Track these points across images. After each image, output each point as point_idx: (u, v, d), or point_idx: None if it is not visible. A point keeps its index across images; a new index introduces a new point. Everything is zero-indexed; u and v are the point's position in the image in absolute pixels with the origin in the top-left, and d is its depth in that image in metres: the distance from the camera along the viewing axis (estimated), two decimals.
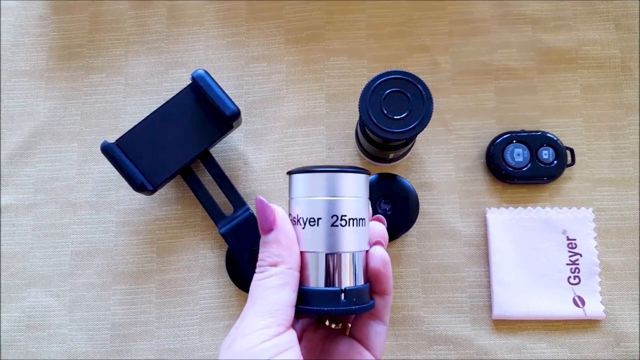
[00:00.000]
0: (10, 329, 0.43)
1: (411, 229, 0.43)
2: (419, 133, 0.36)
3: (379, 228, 0.30)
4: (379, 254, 0.28)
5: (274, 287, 0.26)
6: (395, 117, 0.35)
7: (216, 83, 0.40)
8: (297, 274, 0.27)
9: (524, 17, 0.46)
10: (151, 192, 0.41)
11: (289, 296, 0.26)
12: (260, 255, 0.27)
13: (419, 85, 0.35)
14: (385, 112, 0.35)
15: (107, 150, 0.40)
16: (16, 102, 0.47)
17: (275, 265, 0.27)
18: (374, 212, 0.41)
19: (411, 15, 0.47)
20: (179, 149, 0.41)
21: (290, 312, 0.26)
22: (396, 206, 0.41)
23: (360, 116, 0.36)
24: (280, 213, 0.28)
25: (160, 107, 0.41)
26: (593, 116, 0.45)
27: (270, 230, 0.27)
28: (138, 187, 0.40)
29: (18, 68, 0.48)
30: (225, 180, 0.43)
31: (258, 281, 0.26)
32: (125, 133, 0.41)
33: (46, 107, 0.47)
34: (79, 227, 0.45)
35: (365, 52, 0.46)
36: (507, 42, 0.46)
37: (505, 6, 0.46)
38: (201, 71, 0.40)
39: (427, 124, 0.35)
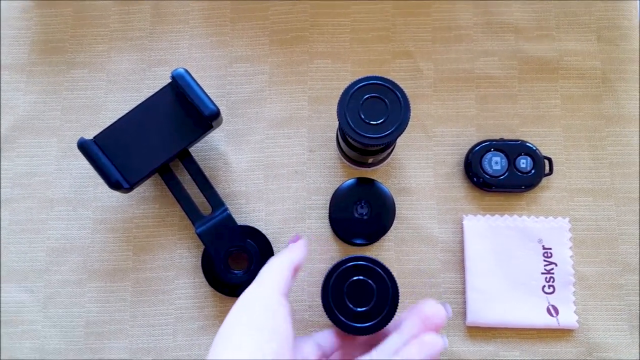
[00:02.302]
0: None
1: (389, 234, 0.43)
2: (395, 139, 0.36)
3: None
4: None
5: None
6: (372, 122, 0.35)
7: (196, 82, 0.40)
8: None
9: (507, 26, 0.46)
10: (127, 190, 0.40)
11: None
12: None
13: (396, 92, 0.35)
14: (362, 117, 0.35)
15: (84, 146, 0.40)
16: None
17: None
18: (352, 216, 0.41)
19: (395, 20, 0.47)
20: (157, 147, 0.41)
21: None
22: (373, 211, 0.41)
23: (338, 120, 0.36)
24: None
25: (140, 104, 0.41)
26: (572, 126, 0.45)
27: None
28: (114, 184, 0.39)
29: None
30: (204, 180, 0.42)
31: None
32: (103, 130, 0.41)
33: (26, 101, 0.47)
34: (55, 223, 0.45)
35: (349, 56, 0.46)
36: (489, 51, 0.46)
37: (489, 15, 0.47)
38: (181, 70, 0.40)
39: (404, 130, 0.35)
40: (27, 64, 0.47)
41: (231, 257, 0.41)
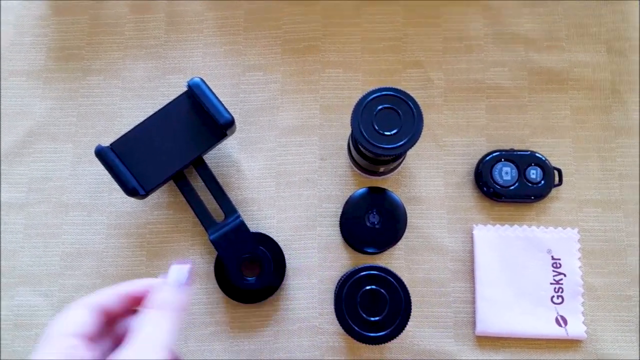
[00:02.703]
0: None
1: (399, 242, 0.44)
2: (408, 150, 0.36)
3: None
4: None
5: None
6: (386, 133, 0.36)
7: (211, 91, 0.41)
8: None
9: (517, 37, 0.47)
10: (143, 196, 0.41)
11: None
12: None
13: (410, 103, 0.36)
14: (376, 127, 0.36)
15: (101, 154, 0.40)
16: (13, 101, 0.48)
17: None
18: (363, 225, 0.42)
19: (406, 31, 0.47)
20: (172, 154, 0.41)
21: None
22: (384, 219, 0.42)
23: (352, 130, 0.37)
24: None
25: (156, 112, 0.42)
26: (582, 137, 0.45)
27: None
28: (130, 191, 0.40)
29: (16, 67, 0.48)
30: (218, 187, 0.43)
31: None
32: (120, 137, 0.41)
33: (43, 107, 0.47)
34: (70, 227, 0.45)
35: (360, 66, 0.47)
36: (499, 61, 0.47)
37: (499, 25, 0.47)
38: (197, 79, 0.41)
39: (416, 141, 0.36)
40: (44, 71, 0.48)
41: (243, 264, 0.42)
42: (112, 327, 0.32)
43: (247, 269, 0.43)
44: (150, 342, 0.28)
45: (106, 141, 0.44)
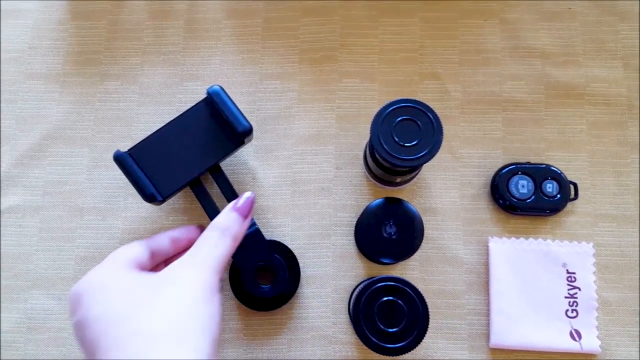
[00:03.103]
0: (10, 329, 0.44)
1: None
2: (427, 161, 0.36)
3: None
4: None
5: None
6: (405, 144, 0.36)
7: (230, 99, 0.41)
8: None
9: (534, 51, 0.47)
10: (160, 202, 0.41)
11: None
12: None
13: (430, 115, 0.36)
14: (396, 139, 0.36)
15: (120, 159, 0.40)
16: (30, 105, 0.48)
17: None
18: (379, 235, 0.42)
19: (423, 42, 0.48)
20: (190, 161, 0.41)
21: None
22: (401, 230, 0.42)
23: (370, 140, 0.37)
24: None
25: (174, 119, 0.42)
26: (597, 152, 0.45)
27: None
28: (148, 197, 0.40)
29: (34, 71, 0.48)
30: (233, 194, 0.43)
31: None
32: (138, 143, 0.42)
33: (60, 111, 0.48)
34: (85, 231, 0.45)
35: (377, 76, 0.47)
36: (516, 74, 0.47)
37: (516, 39, 0.47)
38: (217, 87, 0.41)
39: (436, 153, 0.36)
40: (62, 75, 0.48)
41: (258, 272, 0.42)
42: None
43: (262, 277, 0.43)
44: (204, 259, 0.31)
45: (122, 146, 0.44)
